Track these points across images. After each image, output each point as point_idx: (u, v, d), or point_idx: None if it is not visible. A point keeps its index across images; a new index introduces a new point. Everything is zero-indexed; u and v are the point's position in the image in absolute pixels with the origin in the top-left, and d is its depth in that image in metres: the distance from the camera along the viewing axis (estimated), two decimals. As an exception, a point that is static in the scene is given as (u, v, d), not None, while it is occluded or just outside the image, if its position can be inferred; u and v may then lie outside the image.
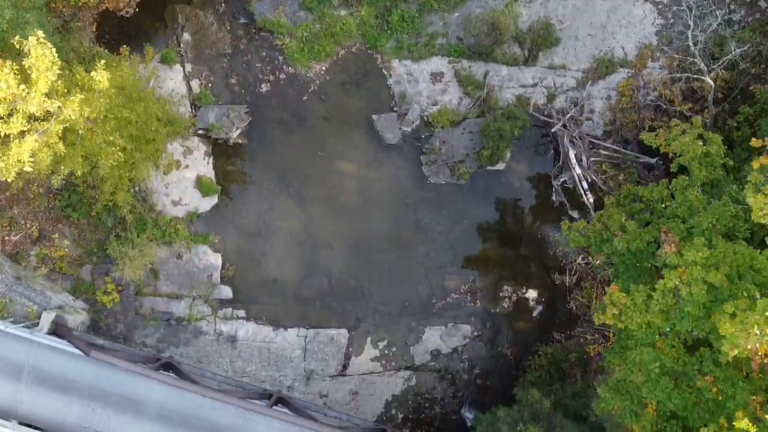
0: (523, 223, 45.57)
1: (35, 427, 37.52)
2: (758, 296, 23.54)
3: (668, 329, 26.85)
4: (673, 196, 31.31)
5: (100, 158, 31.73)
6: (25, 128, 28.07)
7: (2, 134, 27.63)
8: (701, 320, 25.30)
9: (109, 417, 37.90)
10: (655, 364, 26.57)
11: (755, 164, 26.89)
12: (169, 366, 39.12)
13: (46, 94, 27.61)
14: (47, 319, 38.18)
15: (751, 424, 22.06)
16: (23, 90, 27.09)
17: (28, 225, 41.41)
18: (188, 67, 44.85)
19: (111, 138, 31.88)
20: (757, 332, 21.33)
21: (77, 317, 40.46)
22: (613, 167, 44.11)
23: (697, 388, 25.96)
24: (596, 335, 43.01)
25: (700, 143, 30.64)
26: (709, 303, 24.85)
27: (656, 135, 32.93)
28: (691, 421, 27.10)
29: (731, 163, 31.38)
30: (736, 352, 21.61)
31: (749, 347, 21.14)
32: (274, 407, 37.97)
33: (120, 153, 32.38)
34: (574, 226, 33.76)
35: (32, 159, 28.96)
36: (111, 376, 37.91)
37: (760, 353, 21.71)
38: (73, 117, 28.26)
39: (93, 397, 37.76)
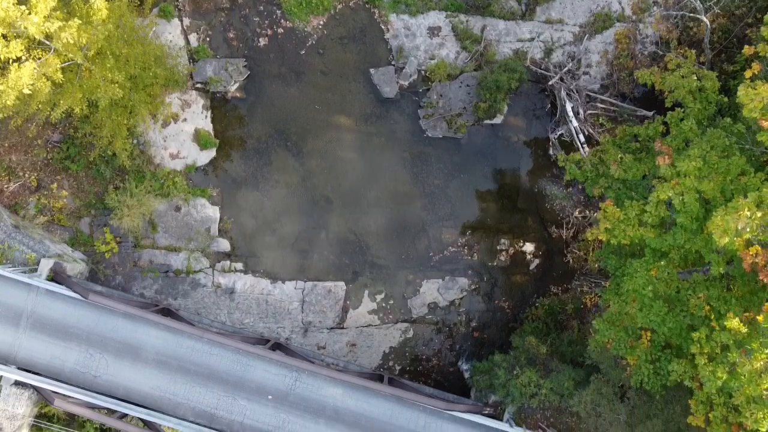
0: (520, 177, 45.69)
1: (34, 373, 37.84)
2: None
3: (662, 248, 26.97)
4: (668, 132, 31.41)
5: (99, 93, 31.79)
6: (24, 56, 28.14)
7: (2, 58, 27.76)
8: (694, 234, 25.41)
9: (108, 362, 38.13)
10: (649, 288, 26.70)
11: (747, 74, 27.02)
12: (167, 312, 39.29)
13: (46, 17, 27.76)
14: (46, 265, 38.35)
15: (741, 324, 22.17)
16: (23, 10, 27.20)
17: (26, 175, 41.52)
18: (186, 21, 44.89)
19: (110, 75, 31.98)
20: (748, 214, 21.29)
21: (76, 266, 40.59)
22: (610, 120, 44.20)
23: (690, 312, 26.05)
24: (593, 287, 43.12)
25: (695, 78, 30.72)
26: (702, 215, 24.96)
27: (651, 72, 33.02)
28: (685, 348, 27.22)
29: (726, 99, 31.45)
30: (726, 240, 21.65)
31: (739, 228, 21.15)
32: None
33: (119, 90, 32.46)
34: (571, 157, 33.89)
35: (32, 85, 29.08)
36: (109, 322, 38.12)
37: (751, 252, 21.76)
38: (71, 41, 28.32)
39: (91, 343, 37.98)
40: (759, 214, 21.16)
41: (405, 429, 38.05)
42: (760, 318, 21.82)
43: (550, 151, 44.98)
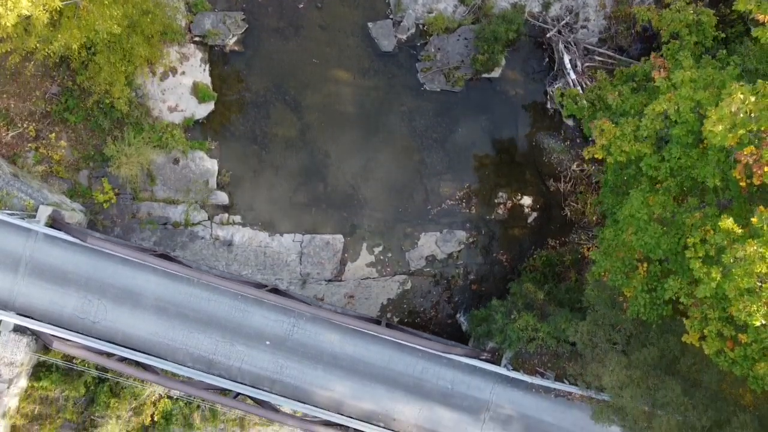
0: (518, 130, 45.75)
1: (33, 319, 37.93)
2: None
3: (658, 176, 27.05)
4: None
5: (97, 25, 31.79)
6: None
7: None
8: (689, 149, 25.48)
9: (106, 308, 38.24)
10: (644, 211, 26.77)
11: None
12: (165, 258, 39.29)
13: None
14: (44, 212, 38.38)
15: (736, 225, 22.21)
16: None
17: (24, 125, 41.54)
18: (183, -27, 44.93)
19: (107, 12, 32.01)
20: (741, 97, 21.24)
21: (74, 216, 40.65)
22: (608, 74, 44.12)
23: (685, 235, 26.07)
24: (591, 238, 43.18)
25: (691, 11, 30.74)
26: (697, 128, 25.01)
27: (649, 9, 33.04)
28: (681, 273, 27.27)
29: (722, 35, 31.45)
30: (720, 129, 21.64)
31: (733, 110, 21.12)
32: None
33: (116, 26, 32.48)
34: (568, 92, 33.91)
35: (29, 14, 29.12)
36: (108, 269, 38.20)
37: (746, 152, 21.76)
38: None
39: (90, 289, 38.08)
40: (752, 98, 21.19)
41: (403, 374, 38.20)
42: (754, 220, 21.87)
43: (548, 105, 45.06)
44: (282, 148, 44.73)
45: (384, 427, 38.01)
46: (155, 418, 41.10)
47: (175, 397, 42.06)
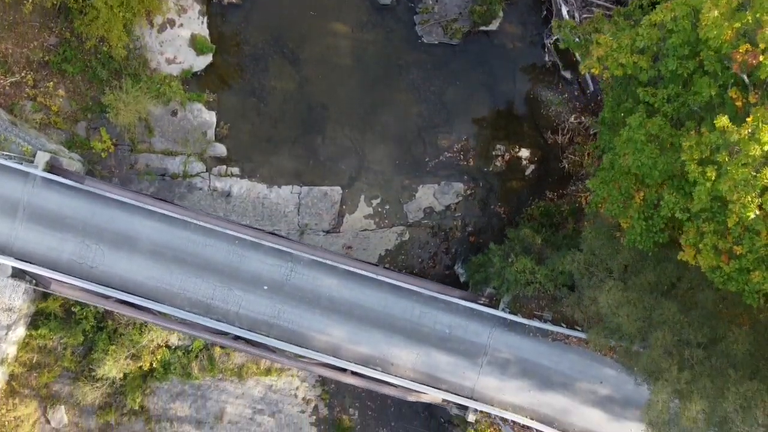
0: (516, 83, 45.71)
1: (32, 263, 38.01)
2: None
3: (654, 102, 27.05)
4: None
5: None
6: None
7: None
8: (686, 60, 25.46)
9: (104, 253, 38.30)
10: (641, 132, 26.77)
11: None
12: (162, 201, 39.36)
13: None
14: (42, 158, 38.36)
15: (730, 123, 22.17)
16: None
17: (23, 73, 41.56)
18: (181, -77, 44.89)
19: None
20: None
21: (72, 163, 40.70)
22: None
23: (681, 158, 26.02)
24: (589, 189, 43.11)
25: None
26: (694, 39, 24.98)
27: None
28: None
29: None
30: (715, 13, 21.57)
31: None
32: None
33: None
34: (565, 23, 33.86)
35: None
36: (105, 213, 38.26)
37: (741, 51, 21.76)
38: None
39: (87, 234, 38.14)
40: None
41: (400, 318, 38.23)
42: (749, 119, 21.83)
43: (546, 58, 45.04)
44: (280, 101, 44.75)
45: (381, 372, 38.02)
46: (154, 365, 41.15)
47: (173, 347, 42.20)
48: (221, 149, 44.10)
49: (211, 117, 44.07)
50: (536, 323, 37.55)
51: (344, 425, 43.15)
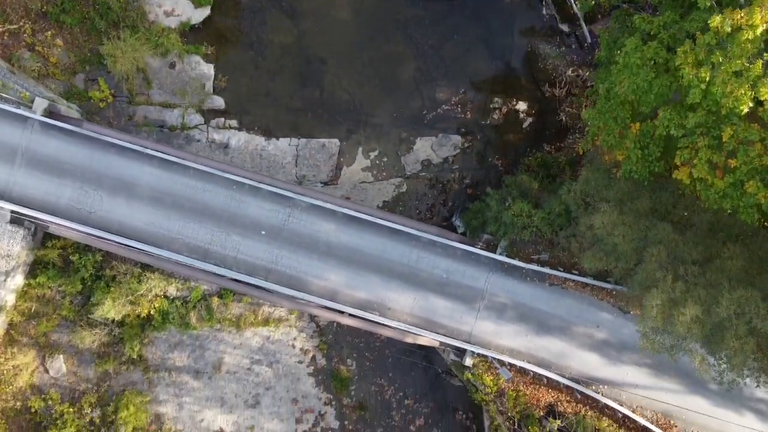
0: (513, 37, 45.77)
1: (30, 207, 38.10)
2: None
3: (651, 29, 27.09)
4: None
5: None
6: None
7: None
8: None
9: (102, 199, 38.39)
10: (637, 55, 26.84)
11: None
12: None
13: None
14: (41, 104, 38.42)
15: (724, 20, 22.11)
16: None
17: (21, 23, 41.60)
18: None
19: None
20: None
21: (70, 111, 40.71)
22: (605, -25, 44.16)
23: (677, 76, 26.09)
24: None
25: None
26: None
27: None
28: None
29: None
30: None
31: None
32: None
33: None
34: None
35: None
36: (103, 159, 38.34)
37: None
38: None
39: (86, 180, 38.23)
40: None
41: (398, 263, 38.32)
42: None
43: (543, 11, 45.09)
44: (278, 55, 44.80)
45: (379, 316, 38.13)
46: (152, 313, 41.20)
47: (171, 297, 42.25)
48: (219, 102, 44.16)
49: (209, 69, 44.13)
50: (534, 266, 37.63)
51: (342, 375, 43.23)
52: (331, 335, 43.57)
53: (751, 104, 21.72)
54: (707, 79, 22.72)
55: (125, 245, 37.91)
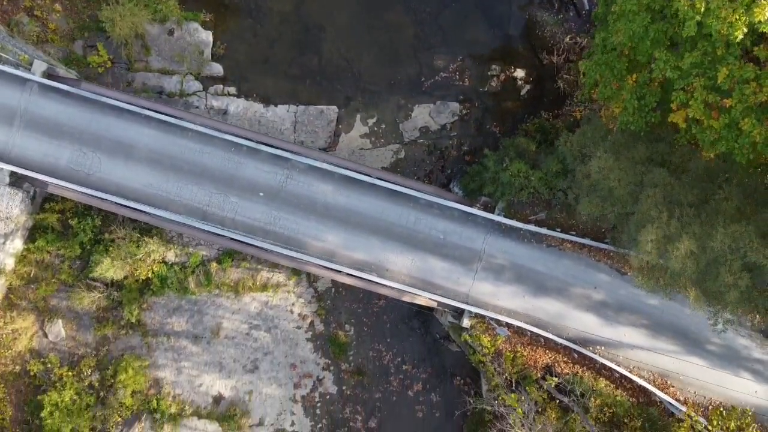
0: (511, 4, 45.85)
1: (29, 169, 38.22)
2: None
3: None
4: None
5: None
6: None
7: None
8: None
9: (100, 160, 38.52)
10: (633, 1, 26.92)
11: None
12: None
13: None
14: (39, 67, 38.54)
15: None
16: None
17: (19, -13, 41.76)
18: None
19: None
20: None
21: (69, 74, 40.80)
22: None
23: (672, 23, 26.15)
24: (584, 107, 43.26)
25: None
26: None
27: None
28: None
29: None
30: None
31: None
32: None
33: None
34: None
35: None
36: (102, 121, 38.46)
37: None
38: None
39: (84, 142, 38.36)
40: None
41: (396, 225, 38.42)
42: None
43: (542, -22, 45.16)
44: (277, 22, 44.87)
45: (377, 277, 38.23)
46: (150, 277, 41.30)
47: (170, 263, 42.33)
48: (218, 68, 44.25)
49: (207, 36, 44.20)
50: (531, 227, 37.72)
51: (340, 341, 43.33)
52: (329, 301, 43.66)
53: (745, 29, 21.79)
54: (702, 10, 22.78)
55: (124, 206, 38.00)
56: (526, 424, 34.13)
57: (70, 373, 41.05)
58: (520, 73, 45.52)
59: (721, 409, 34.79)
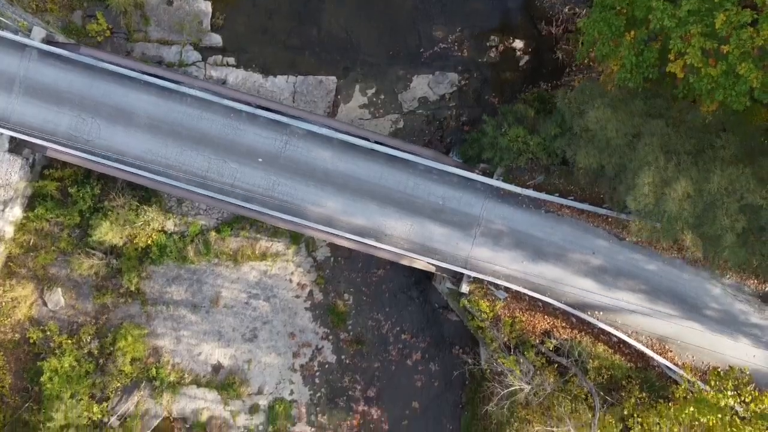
0: (511, -25, 46.01)
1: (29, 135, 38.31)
2: None
3: None
4: None
5: None
6: None
7: None
8: None
9: (100, 126, 38.60)
10: (631, -48, 27.11)
11: None
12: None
13: None
14: (38, 33, 38.57)
15: None
16: None
17: (18, -45, 41.78)
18: None
19: None
20: None
21: (68, 41, 40.84)
22: None
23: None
24: (583, 76, 43.32)
25: None
26: None
27: None
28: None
29: None
30: None
31: None
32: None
33: None
34: None
35: None
36: (101, 87, 38.51)
37: None
38: None
39: (84, 108, 38.43)
40: None
41: (394, 190, 38.49)
42: None
43: (540, -51, 45.18)
44: (276, -8, 44.97)
45: (376, 241, 38.31)
46: (150, 245, 41.39)
47: (169, 232, 42.42)
48: (217, 39, 44.33)
49: (206, 6, 44.28)
50: (530, 192, 37.79)
51: (339, 310, 43.41)
52: (328, 270, 43.74)
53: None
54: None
55: (123, 170, 38.07)
56: (524, 380, 34.24)
57: (69, 341, 41.14)
58: (518, 44, 45.59)
59: (719, 369, 34.88)
